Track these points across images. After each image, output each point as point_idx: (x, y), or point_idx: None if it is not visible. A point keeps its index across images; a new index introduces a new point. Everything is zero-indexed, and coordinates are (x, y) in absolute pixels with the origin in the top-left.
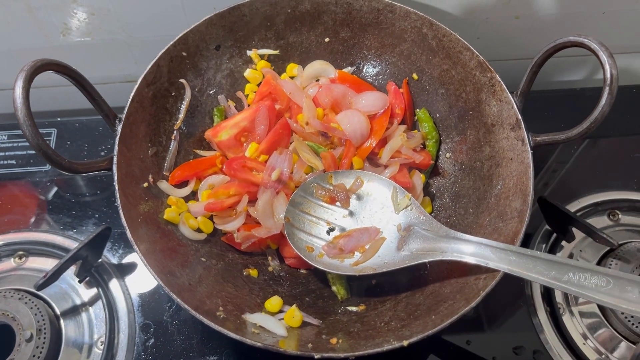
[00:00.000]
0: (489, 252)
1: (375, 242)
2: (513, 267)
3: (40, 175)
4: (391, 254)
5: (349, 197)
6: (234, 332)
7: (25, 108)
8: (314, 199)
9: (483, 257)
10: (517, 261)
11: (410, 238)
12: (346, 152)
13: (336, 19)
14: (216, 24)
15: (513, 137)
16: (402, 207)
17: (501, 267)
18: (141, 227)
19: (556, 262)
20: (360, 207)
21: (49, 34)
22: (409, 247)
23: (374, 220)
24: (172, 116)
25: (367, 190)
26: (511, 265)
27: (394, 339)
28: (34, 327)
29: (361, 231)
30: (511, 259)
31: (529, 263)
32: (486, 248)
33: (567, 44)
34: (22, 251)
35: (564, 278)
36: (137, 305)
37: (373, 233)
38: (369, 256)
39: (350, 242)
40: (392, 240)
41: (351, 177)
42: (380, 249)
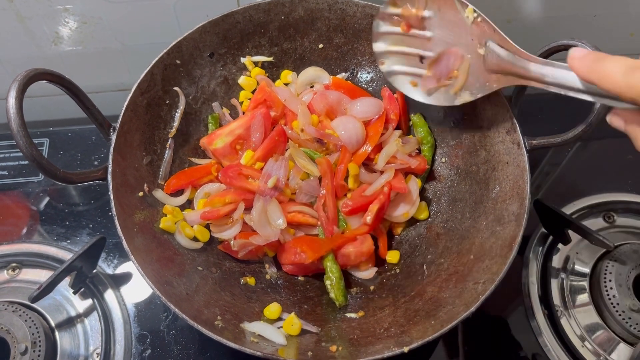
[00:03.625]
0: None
1: (463, 65)
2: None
3: (33, 185)
4: (482, 73)
5: (419, 17)
6: (232, 341)
7: (18, 118)
8: (392, 27)
9: (562, 85)
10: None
11: (491, 56)
12: (342, 158)
13: (330, 25)
14: (210, 32)
15: (509, 141)
16: (470, 19)
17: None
18: (137, 236)
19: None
20: (435, 28)
21: (41, 43)
22: (491, 67)
23: (452, 38)
24: (167, 124)
25: (433, 7)
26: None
27: (394, 345)
28: (28, 340)
29: (447, 53)
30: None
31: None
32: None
33: (560, 47)
34: (15, 263)
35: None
36: (133, 316)
37: (457, 53)
38: (462, 81)
39: (441, 67)
40: (477, 59)
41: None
42: (471, 72)
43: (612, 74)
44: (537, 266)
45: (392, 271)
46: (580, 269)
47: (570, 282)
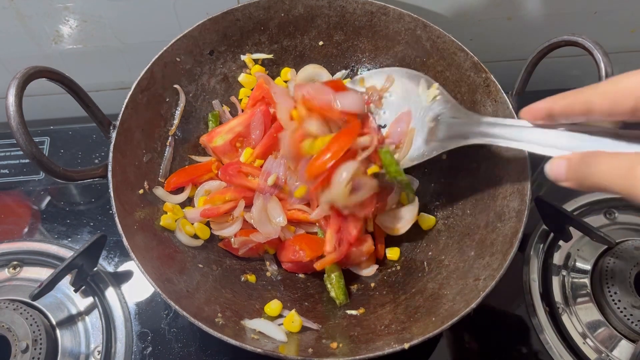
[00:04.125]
0: (515, 132)
1: (408, 136)
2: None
3: (34, 184)
4: (421, 145)
5: (381, 97)
6: (233, 338)
7: (18, 116)
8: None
9: (508, 138)
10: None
11: (438, 128)
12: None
13: (330, 22)
14: (209, 29)
15: None
16: (431, 97)
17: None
18: (137, 234)
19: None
20: (392, 104)
21: (41, 41)
22: (437, 136)
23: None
24: (167, 122)
25: (398, 88)
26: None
27: (394, 342)
28: (29, 338)
29: (397, 121)
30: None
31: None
32: (511, 128)
33: (561, 43)
34: (16, 261)
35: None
36: (134, 314)
37: (406, 119)
38: (407, 150)
39: (394, 136)
40: (421, 133)
41: (382, 75)
42: (414, 142)
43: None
44: (538, 263)
45: (392, 268)
46: (582, 266)
47: (571, 279)
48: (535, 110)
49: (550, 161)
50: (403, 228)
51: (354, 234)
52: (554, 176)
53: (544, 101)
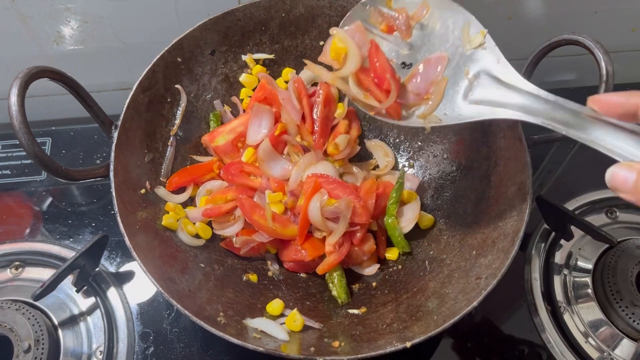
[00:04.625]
0: (576, 120)
1: (438, 86)
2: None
3: (36, 184)
4: (456, 102)
5: (410, 25)
6: (235, 337)
7: (20, 115)
8: (368, 26)
9: (565, 124)
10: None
11: (478, 87)
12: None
13: (330, 22)
14: (210, 29)
15: (510, 137)
16: (473, 44)
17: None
18: (139, 234)
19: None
20: (423, 41)
21: (42, 42)
22: (475, 97)
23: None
24: (168, 122)
25: (434, 20)
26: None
27: (396, 341)
28: (31, 338)
29: (427, 64)
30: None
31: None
32: (572, 113)
33: (562, 42)
34: (18, 262)
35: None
36: (136, 314)
37: (439, 63)
38: (435, 103)
39: (419, 82)
40: (457, 85)
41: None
42: (445, 95)
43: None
44: (539, 262)
45: (394, 267)
46: (583, 265)
47: (573, 278)
48: (609, 103)
49: (615, 168)
50: (406, 227)
51: (358, 236)
52: (617, 186)
53: (619, 95)
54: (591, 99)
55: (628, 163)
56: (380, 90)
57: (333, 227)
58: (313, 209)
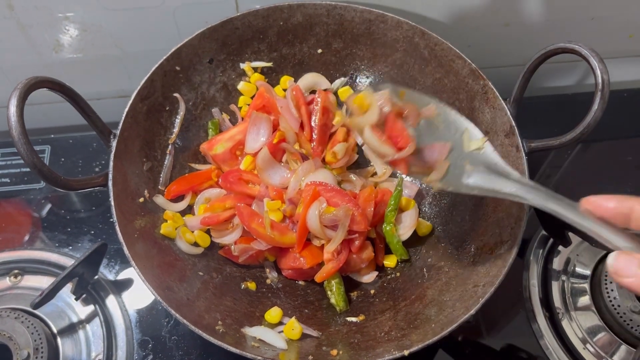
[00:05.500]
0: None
1: (441, 165)
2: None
3: (35, 192)
4: (457, 180)
5: (419, 116)
6: (233, 346)
7: (19, 126)
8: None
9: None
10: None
11: (476, 173)
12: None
13: (328, 30)
14: (209, 38)
15: (507, 144)
16: (472, 147)
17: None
18: (138, 242)
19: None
20: (428, 131)
21: (41, 50)
22: (474, 180)
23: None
24: (167, 130)
25: (439, 121)
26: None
27: (394, 349)
28: (30, 347)
29: (431, 149)
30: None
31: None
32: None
33: (558, 50)
34: (17, 270)
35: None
36: (135, 322)
37: (442, 150)
38: (439, 176)
39: (425, 159)
40: (458, 169)
41: (424, 101)
42: (449, 173)
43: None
44: (537, 269)
45: (392, 275)
46: (581, 271)
47: (571, 284)
48: (602, 207)
49: (617, 255)
50: (404, 235)
51: (356, 244)
52: (621, 271)
53: (612, 199)
54: (584, 200)
55: (627, 252)
56: (392, 145)
57: (331, 234)
58: (311, 217)
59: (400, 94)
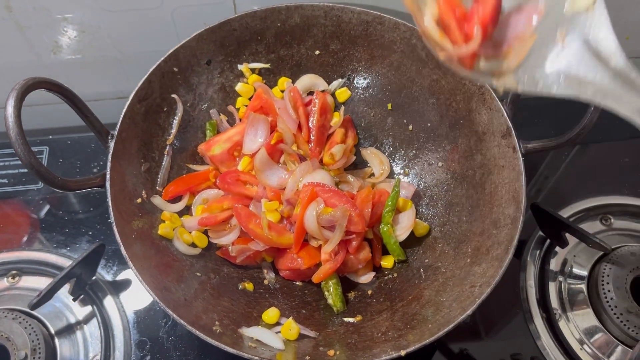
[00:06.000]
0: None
1: (524, 42)
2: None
3: (33, 193)
4: (539, 68)
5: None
6: (230, 346)
7: (17, 127)
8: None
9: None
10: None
11: (569, 55)
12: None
13: (326, 31)
14: (207, 39)
15: (504, 145)
16: (578, 6)
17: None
18: (135, 243)
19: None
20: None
21: (40, 52)
22: (562, 66)
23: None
24: (165, 131)
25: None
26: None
27: (391, 349)
28: (28, 347)
29: (518, 13)
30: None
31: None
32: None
33: None
34: (15, 270)
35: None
36: (133, 322)
37: (531, 15)
38: (515, 63)
39: (503, 35)
40: (546, 48)
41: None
42: (530, 56)
43: None
44: (534, 270)
45: (389, 275)
46: (578, 272)
47: (568, 285)
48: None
49: None
50: (401, 235)
51: (354, 245)
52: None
53: None
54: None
55: None
56: (460, 31)
57: (329, 235)
58: (309, 218)
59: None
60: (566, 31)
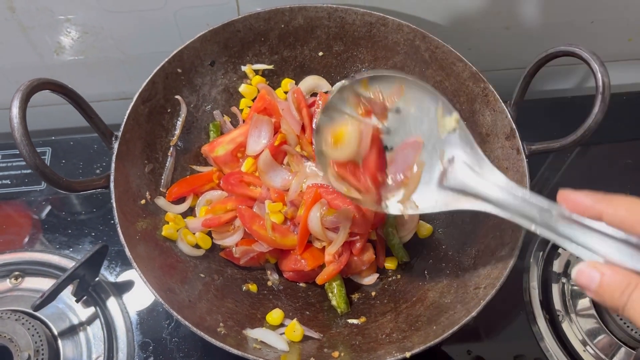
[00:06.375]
0: (542, 215)
1: (415, 171)
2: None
3: (36, 194)
4: (431, 188)
5: (386, 108)
6: (235, 348)
7: (22, 128)
8: (348, 109)
9: (531, 218)
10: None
11: (452, 172)
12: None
13: (329, 33)
14: (210, 40)
15: (508, 146)
16: (447, 128)
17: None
18: (139, 244)
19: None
20: (400, 124)
21: (43, 53)
22: (450, 183)
23: (414, 138)
24: (168, 132)
25: (409, 103)
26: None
27: (396, 351)
28: (31, 348)
29: (403, 149)
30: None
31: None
32: (539, 209)
33: (558, 53)
34: (18, 271)
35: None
36: (136, 323)
37: (414, 148)
38: (412, 189)
39: (397, 169)
40: (434, 170)
41: (389, 82)
42: (422, 180)
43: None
44: (537, 271)
45: (393, 277)
46: None
47: (571, 286)
48: (576, 203)
49: (581, 267)
50: (405, 237)
51: (357, 246)
52: (583, 283)
53: (587, 197)
54: (560, 194)
55: (593, 263)
56: (359, 183)
57: (333, 236)
58: (313, 219)
59: (363, 84)
60: (445, 151)
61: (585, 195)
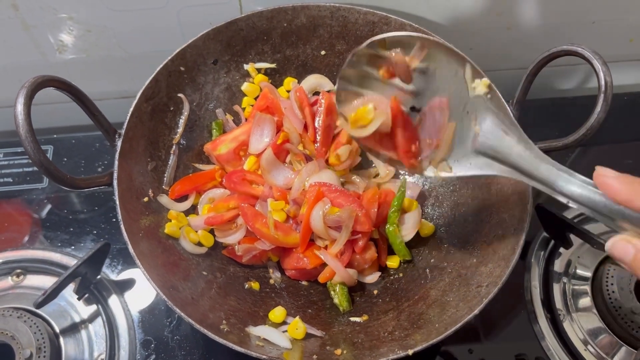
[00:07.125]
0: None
1: (446, 131)
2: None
3: (37, 192)
4: (466, 149)
5: (410, 68)
6: (238, 345)
7: (27, 125)
8: (370, 69)
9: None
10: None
11: (484, 136)
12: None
13: (332, 32)
14: (213, 39)
15: None
16: (478, 92)
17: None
18: (142, 241)
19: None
20: (426, 85)
21: (46, 51)
22: (481, 146)
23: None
24: (171, 131)
25: (434, 63)
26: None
27: (398, 349)
28: (33, 346)
29: (431, 110)
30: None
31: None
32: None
33: (561, 52)
34: (20, 269)
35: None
36: (137, 321)
37: (441, 108)
38: (444, 150)
39: (429, 130)
40: (469, 130)
41: (412, 41)
42: (456, 141)
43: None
44: (539, 270)
45: (395, 275)
46: (582, 273)
47: (572, 286)
48: (617, 189)
49: (615, 240)
50: (407, 235)
51: (360, 245)
52: (618, 257)
53: (624, 182)
54: (597, 175)
55: (626, 237)
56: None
57: (335, 235)
58: (315, 218)
59: (380, 44)
60: (476, 114)
61: (620, 183)
